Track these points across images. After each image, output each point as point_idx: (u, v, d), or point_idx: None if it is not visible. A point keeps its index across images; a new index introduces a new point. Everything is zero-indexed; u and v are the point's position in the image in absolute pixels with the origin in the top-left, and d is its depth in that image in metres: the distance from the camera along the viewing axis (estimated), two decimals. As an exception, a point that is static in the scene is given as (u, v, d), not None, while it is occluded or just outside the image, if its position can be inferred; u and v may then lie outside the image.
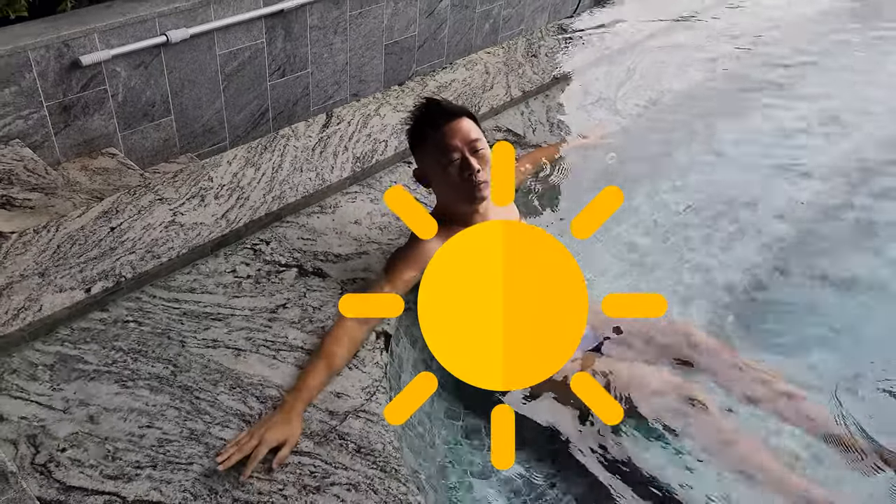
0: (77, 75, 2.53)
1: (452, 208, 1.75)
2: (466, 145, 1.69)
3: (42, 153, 2.54)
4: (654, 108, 2.71)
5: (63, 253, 1.77)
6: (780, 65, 3.14)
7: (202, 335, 1.61)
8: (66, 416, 1.43)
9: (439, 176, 1.73)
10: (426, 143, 1.74)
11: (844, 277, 2.11)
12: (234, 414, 1.46)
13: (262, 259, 1.84)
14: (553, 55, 2.91)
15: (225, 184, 2.05)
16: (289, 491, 1.33)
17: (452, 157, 1.68)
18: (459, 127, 1.70)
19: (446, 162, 1.69)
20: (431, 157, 1.73)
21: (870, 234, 2.30)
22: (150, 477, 1.33)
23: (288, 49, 3.11)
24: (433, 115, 1.73)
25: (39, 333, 1.59)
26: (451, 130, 1.69)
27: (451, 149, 1.68)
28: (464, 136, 1.69)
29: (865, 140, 2.73)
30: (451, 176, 1.70)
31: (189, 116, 2.93)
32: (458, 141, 1.68)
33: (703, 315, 1.95)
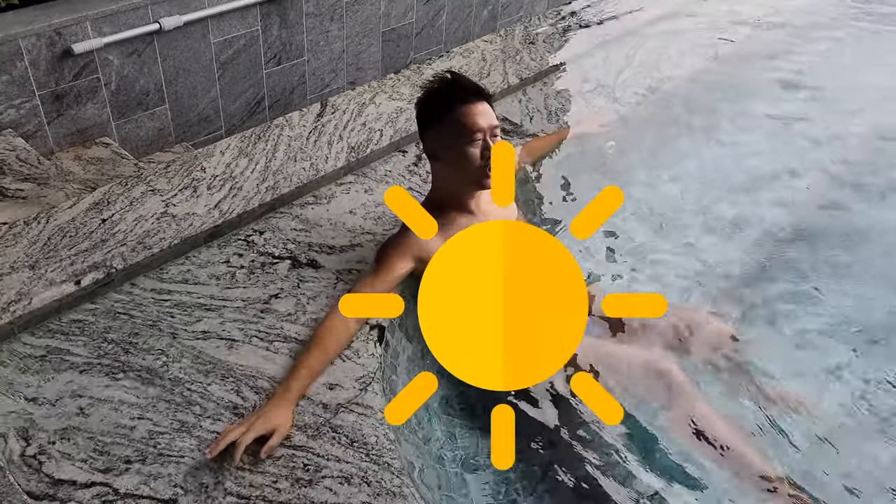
0: (69, 64, 2.51)
1: (455, 190, 1.72)
2: (489, 129, 1.65)
3: (35, 143, 2.52)
4: (654, 96, 2.69)
5: (54, 245, 1.75)
6: (780, 52, 3.10)
7: (194, 326, 1.60)
8: (56, 409, 1.41)
9: (453, 155, 1.67)
10: (447, 118, 1.66)
11: (844, 266, 2.09)
12: (226, 406, 1.44)
13: (255, 250, 1.82)
14: (551, 42, 2.88)
15: (218, 174, 2.02)
16: (281, 484, 1.32)
17: (475, 137, 1.64)
18: (486, 108, 1.66)
19: (467, 141, 1.64)
20: (449, 135, 1.67)
21: (871, 223, 2.28)
22: (140, 471, 1.32)
23: (284, 37, 3.08)
24: (460, 91, 1.68)
25: (29, 326, 1.57)
26: (478, 110, 1.65)
27: (475, 128, 1.63)
28: (489, 118, 1.66)
29: (868, 127, 2.70)
30: (469, 156, 1.64)
31: (184, 105, 2.90)
32: (483, 123, 1.64)
33: (701, 304, 1.94)
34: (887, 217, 2.29)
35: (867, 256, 2.13)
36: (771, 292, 1.99)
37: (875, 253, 2.14)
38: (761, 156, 2.53)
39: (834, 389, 1.69)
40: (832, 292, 1.99)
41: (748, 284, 2.02)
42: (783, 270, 2.08)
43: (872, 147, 2.62)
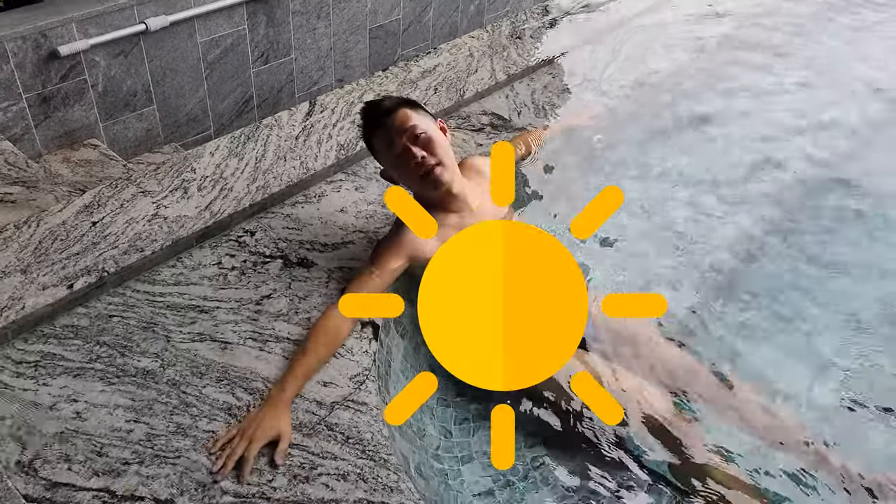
0: (56, 66, 2.50)
1: (421, 197, 1.76)
2: (404, 136, 1.70)
3: (22, 146, 2.51)
4: (641, 89, 2.70)
5: (45, 249, 1.75)
6: (767, 42, 3.12)
7: (188, 328, 1.61)
8: (52, 414, 1.42)
9: (396, 172, 1.77)
10: (374, 144, 1.79)
11: (833, 257, 2.12)
12: (221, 407, 1.45)
13: (247, 250, 1.83)
14: (538, 37, 2.89)
15: (208, 175, 2.03)
16: (278, 482, 1.33)
17: (396, 150, 1.71)
18: (394, 120, 1.73)
19: (395, 157, 1.72)
20: (383, 157, 1.79)
21: (860, 214, 2.30)
22: (138, 472, 1.33)
23: (271, 35, 3.07)
24: (371, 118, 1.78)
25: (23, 331, 1.58)
26: (388, 126, 1.72)
27: (392, 143, 1.72)
28: (398, 127, 1.71)
29: (856, 117, 2.72)
30: (403, 169, 1.73)
31: (172, 105, 2.90)
32: (395, 134, 1.71)
33: (690, 296, 1.96)
34: (875, 205, 2.31)
35: (856, 245, 2.16)
36: (760, 283, 2.01)
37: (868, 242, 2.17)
38: (749, 147, 2.54)
39: (823, 379, 1.71)
40: (822, 281, 2.01)
41: (737, 275, 2.04)
42: (772, 260, 2.11)
43: (860, 137, 2.64)
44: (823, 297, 1.96)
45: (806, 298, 1.97)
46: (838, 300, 1.95)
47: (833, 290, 1.98)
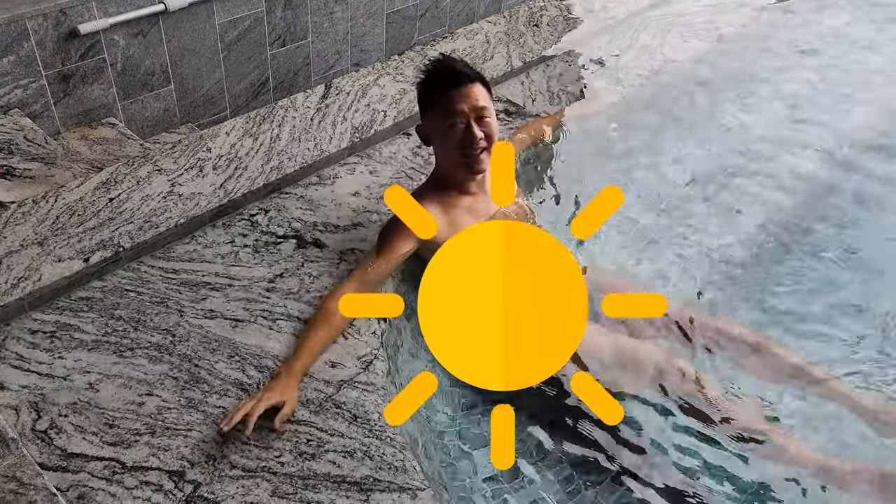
0: (75, 44, 2.52)
1: (450, 174, 1.75)
2: (473, 112, 1.65)
3: (42, 123, 2.54)
4: (656, 78, 2.68)
5: (62, 223, 1.78)
6: (785, 36, 3.09)
7: (200, 305, 1.63)
8: (66, 385, 1.45)
9: (441, 139, 1.71)
10: (434, 102, 1.70)
11: (846, 250, 2.10)
12: (232, 383, 1.47)
13: (259, 229, 1.85)
14: (555, 24, 2.87)
15: (223, 154, 2.04)
16: (285, 458, 1.35)
17: (457, 122, 1.65)
18: (469, 92, 1.66)
19: (449, 126, 1.66)
20: (436, 118, 1.70)
21: (872, 208, 2.28)
22: (149, 444, 1.35)
23: (288, 18, 3.08)
24: (445, 75, 1.69)
25: (39, 303, 1.61)
26: (460, 94, 1.65)
27: (456, 113, 1.65)
28: (472, 102, 1.65)
29: (872, 111, 2.69)
30: (453, 141, 1.67)
31: (189, 86, 2.91)
32: (464, 106, 1.65)
33: (703, 287, 1.95)
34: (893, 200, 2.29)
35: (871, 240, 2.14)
36: (774, 275, 2.01)
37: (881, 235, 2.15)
38: (765, 138, 2.53)
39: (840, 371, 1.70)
40: (837, 273, 2.00)
41: (751, 267, 2.04)
42: (786, 253, 2.10)
43: (878, 130, 2.61)
44: (840, 292, 1.95)
45: (824, 292, 1.96)
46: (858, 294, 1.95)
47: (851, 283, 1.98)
